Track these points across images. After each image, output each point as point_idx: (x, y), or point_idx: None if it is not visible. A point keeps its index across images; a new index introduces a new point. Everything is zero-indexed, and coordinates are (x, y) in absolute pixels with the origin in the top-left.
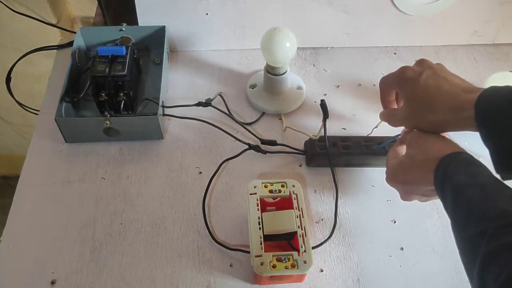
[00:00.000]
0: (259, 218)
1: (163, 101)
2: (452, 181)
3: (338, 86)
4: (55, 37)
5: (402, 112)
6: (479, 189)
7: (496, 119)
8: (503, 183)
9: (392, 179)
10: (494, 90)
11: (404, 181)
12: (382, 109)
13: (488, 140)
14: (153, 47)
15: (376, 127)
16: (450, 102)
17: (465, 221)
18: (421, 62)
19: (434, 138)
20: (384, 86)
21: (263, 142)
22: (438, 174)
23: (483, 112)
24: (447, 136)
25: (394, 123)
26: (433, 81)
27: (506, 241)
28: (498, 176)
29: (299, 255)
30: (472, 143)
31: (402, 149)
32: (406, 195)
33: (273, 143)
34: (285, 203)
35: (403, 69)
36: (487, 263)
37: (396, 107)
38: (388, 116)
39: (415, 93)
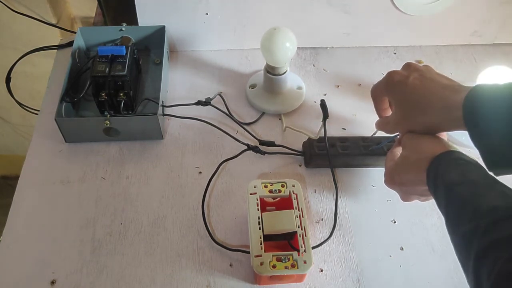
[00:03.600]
0: (259, 218)
1: (163, 101)
2: (443, 179)
3: (338, 86)
4: (55, 37)
5: (393, 117)
6: (470, 187)
7: (483, 118)
8: (494, 179)
9: (389, 181)
10: (481, 89)
11: (401, 182)
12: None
13: (476, 139)
14: (153, 47)
15: (374, 134)
16: (438, 103)
17: (458, 218)
18: (408, 66)
19: (427, 138)
20: (375, 94)
21: (262, 143)
22: (430, 173)
23: (471, 112)
24: (444, 135)
25: (388, 130)
26: (421, 83)
27: (497, 236)
28: (491, 173)
29: (299, 255)
30: (469, 138)
31: (400, 151)
32: (405, 196)
33: (271, 144)
34: (285, 203)
35: (391, 74)
36: (480, 259)
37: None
38: (382, 125)
39: (404, 96)
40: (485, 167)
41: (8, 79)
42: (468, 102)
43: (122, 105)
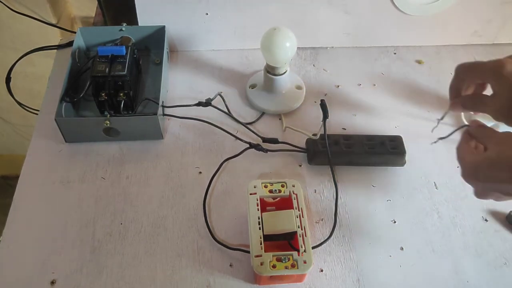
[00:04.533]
0: (259, 218)
1: (163, 101)
2: None
3: (338, 86)
4: (55, 37)
5: (498, 104)
6: None
7: None
8: None
9: (471, 176)
10: None
11: (487, 178)
12: (379, 109)
13: None
14: (153, 47)
15: (441, 119)
16: None
17: None
18: None
19: None
20: (468, 75)
21: (265, 140)
22: None
23: None
24: None
25: (482, 111)
26: None
27: None
28: None
29: (299, 255)
30: None
31: (474, 144)
32: (484, 193)
33: (275, 141)
34: (285, 203)
35: (503, 63)
36: None
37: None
38: (475, 103)
39: None
40: None
41: (8, 79)
42: None
43: (122, 105)
